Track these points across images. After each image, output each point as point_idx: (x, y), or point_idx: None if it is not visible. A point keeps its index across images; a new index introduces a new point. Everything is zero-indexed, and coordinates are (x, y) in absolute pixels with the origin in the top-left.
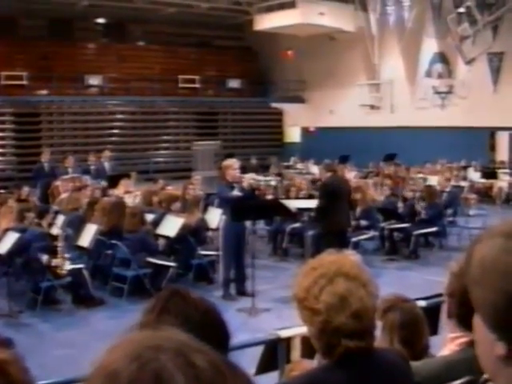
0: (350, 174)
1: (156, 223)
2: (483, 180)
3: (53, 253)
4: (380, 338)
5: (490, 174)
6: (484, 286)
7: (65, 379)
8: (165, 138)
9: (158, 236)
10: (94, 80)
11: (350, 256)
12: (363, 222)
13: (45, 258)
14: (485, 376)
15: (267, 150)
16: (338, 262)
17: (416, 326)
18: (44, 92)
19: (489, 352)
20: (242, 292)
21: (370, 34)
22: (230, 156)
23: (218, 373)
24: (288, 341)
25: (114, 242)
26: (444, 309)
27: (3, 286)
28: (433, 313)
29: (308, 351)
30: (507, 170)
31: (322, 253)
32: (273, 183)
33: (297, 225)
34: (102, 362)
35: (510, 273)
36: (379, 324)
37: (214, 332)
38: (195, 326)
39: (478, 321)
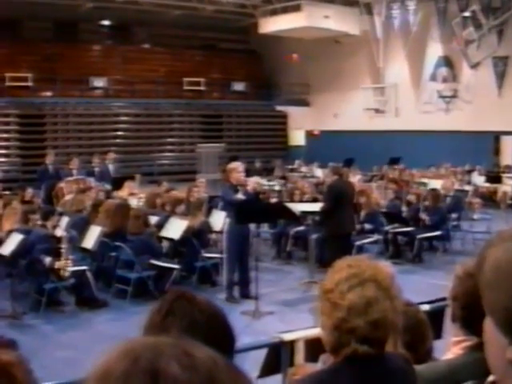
0: (355, 178)
1: (160, 225)
2: (487, 184)
3: (57, 255)
4: None
5: (494, 178)
6: (498, 289)
7: (68, 381)
8: (169, 140)
9: (161, 238)
10: (99, 82)
11: (387, 267)
12: (367, 226)
13: (47, 260)
14: (489, 379)
15: (271, 153)
16: (375, 268)
17: (420, 329)
18: (49, 94)
19: (499, 355)
20: (245, 295)
21: (375, 37)
22: (235, 159)
23: (216, 365)
24: (291, 344)
25: (117, 244)
26: (448, 313)
27: (7, 288)
28: (436, 317)
29: (311, 355)
30: (511, 175)
31: (326, 256)
32: (277, 188)
33: (301, 228)
34: (98, 365)
35: None
36: None
37: (220, 335)
38: (201, 328)
39: (489, 324)
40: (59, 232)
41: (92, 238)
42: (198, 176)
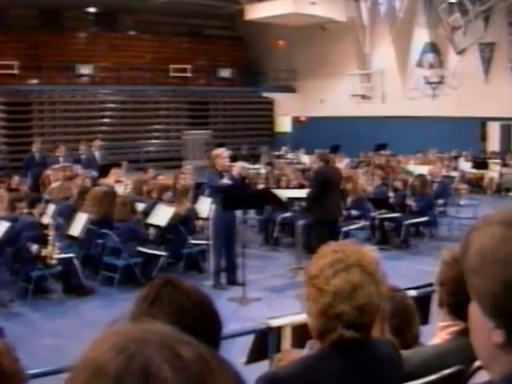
0: (341, 164)
1: (147, 212)
2: (474, 170)
3: (44, 242)
4: None
5: (480, 164)
6: (483, 274)
7: (55, 368)
8: (156, 127)
9: (148, 225)
10: (85, 69)
11: (372, 252)
12: (354, 212)
13: (34, 247)
14: (476, 364)
15: (258, 140)
16: (360, 252)
17: (407, 315)
18: (35, 81)
19: (485, 340)
20: (232, 281)
21: (362, 23)
22: (221, 145)
23: (205, 364)
24: (278, 330)
25: (104, 231)
26: (435, 298)
27: None
28: (423, 302)
29: (298, 341)
30: (498, 161)
31: (313, 242)
32: (262, 171)
33: (288, 214)
34: (87, 353)
35: (510, 261)
36: None
37: (207, 321)
38: (188, 315)
39: (474, 309)
40: (46, 219)
41: (79, 225)
42: (185, 163)
